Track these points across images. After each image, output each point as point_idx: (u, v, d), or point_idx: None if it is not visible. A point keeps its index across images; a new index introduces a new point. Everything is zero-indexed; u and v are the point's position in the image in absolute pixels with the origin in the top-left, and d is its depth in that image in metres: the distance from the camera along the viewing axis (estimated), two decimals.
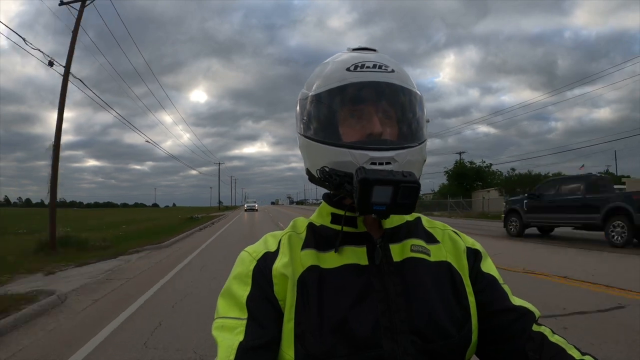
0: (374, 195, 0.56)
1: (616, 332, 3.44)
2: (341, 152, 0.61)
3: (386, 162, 0.60)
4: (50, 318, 4.37)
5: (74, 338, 3.63)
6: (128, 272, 7.19)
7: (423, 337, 0.59)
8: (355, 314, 0.59)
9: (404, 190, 0.56)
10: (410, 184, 0.56)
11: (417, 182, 0.57)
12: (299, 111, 0.70)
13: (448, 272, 0.67)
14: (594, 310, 4.07)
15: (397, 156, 0.60)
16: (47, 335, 3.78)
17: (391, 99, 0.64)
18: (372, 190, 0.55)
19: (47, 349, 3.40)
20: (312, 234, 0.69)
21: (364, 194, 0.56)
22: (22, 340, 3.66)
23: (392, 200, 0.56)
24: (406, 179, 0.56)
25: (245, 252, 0.68)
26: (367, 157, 0.59)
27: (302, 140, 0.69)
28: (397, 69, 0.65)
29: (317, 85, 0.66)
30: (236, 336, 0.57)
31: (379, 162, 0.59)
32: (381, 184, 0.55)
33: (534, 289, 5.02)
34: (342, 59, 0.66)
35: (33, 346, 3.49)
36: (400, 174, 0.57)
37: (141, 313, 4.42)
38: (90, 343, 3.45)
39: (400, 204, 0.57)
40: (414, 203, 0.58)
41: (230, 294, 0.63)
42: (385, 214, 0.58)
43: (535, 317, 0.65)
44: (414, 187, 0.56)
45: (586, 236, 10.60)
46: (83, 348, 3.34)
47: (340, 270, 0.63)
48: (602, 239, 9.18)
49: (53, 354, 3.26)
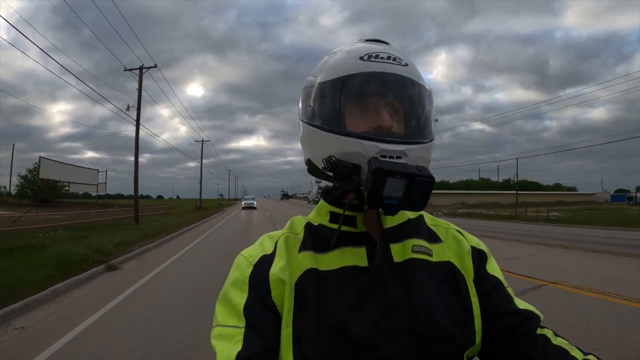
0: (387, 188, 0.53)
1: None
2: (351, 142, 0.58)
3: (397, 156, 0.57)
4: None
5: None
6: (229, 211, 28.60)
7: (423, 339, 0.58)
8: (354, 317, 0.58)
9: (417, 184, 0.54)
10: (424, 178, 0.54)
11: (431, 176, 0.55)
12: (304, 98, 0.68)
13: (450, 273, 0.65)
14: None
15: (409, 151, 0.58)
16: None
17: (404, 92, 0.62)
18: (385, 182, 0.53)
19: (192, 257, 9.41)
20: (310, 234, 0.67)
21: (376, 185, 0.53)
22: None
23: (404, 194, 0.54)
24: (421, 173, 0.54)
25: (242, 257, 0.66)
26: (377, 149, 0.57)
27: (306, 129, 0.66)
28: (410, 64, 0.63)
29: (326, 72, 0.64)
30: (234, 345, 0.57)
31: (389, 155, 0.57)
32: (395, 176, 0.53)
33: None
34: (356, 48, 0.64)
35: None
36: (415, 168, 0.55)
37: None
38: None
39: (412, 199, 0.55)
40: (427, 199, 0.56)
41: (228, 301, 0.62)
42: (395, 209, 0.56)
43: (540, 320, 0.65)
44: (428, 181, 0.55)
45: None
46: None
47: (339, 273, 0.61)
48: None
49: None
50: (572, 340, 0.63)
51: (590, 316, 4.10)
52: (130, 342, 3.45)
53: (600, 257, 8.18)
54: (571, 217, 24.82)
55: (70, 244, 8.99)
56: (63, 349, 3.37)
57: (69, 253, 7.49)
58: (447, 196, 56.55)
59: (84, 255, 7.46)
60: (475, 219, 24.66)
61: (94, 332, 3.79)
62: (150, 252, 9.67)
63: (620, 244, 10.64)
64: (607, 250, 9.23)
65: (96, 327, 3.93)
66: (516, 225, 19.55)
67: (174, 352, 3.27)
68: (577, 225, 18.66)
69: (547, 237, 12.78)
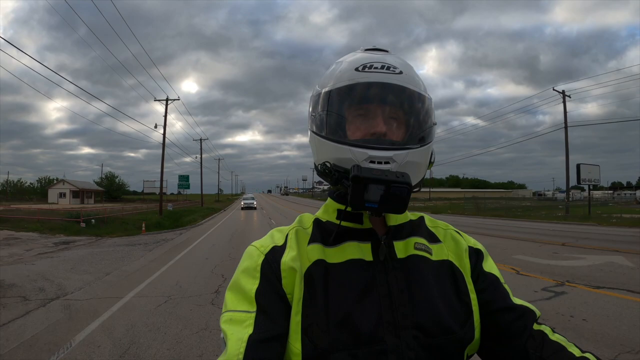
0: (367, 193, 0.57)
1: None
2: (342, 148, 0.63)
3: (385, 161, 0.61)
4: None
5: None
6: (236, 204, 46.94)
7: (425, 332, 0.60)
8: (359, 309, 0.60)
9: (394, 190, 0.57)
10: (401, 184, 0.57)
11: (408, 183, 0.58)
12: (310, 107, 0.72)
13: (449, 271, 0.68)
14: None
15: (396, 156, 0.61)
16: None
17: (396, 100, 0.65)
18: (364, 188, 0.57)
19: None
20: (319, 229, 0.70)
21: (355, 191, 0.58)
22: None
23: (383, 198, 0.57)
24: (398, 180, 0.57)
25: (253, 247, 0.69)
26: (366, 155, 0.61)
27: (310, 135, 0.71)
28: (406, 71, 0.66)
29: (328, 82, 0.69)
30: (245, 329, 0.58)
31: (378, 160, 0.61)
32: (373, 183, 0.57)
33: None
34: (353, 59, 0.68)
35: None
36: (394, 175, 0.58)
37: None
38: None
39: (391, 203, 0.58)
40: (405, 203, 0.59)
41: (239, 288, 0.63)
42: (377, 212, 0.60)
43: (536, 316, 0.67)
44: (405, 188, 0.58)
45: None
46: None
47: (345, 265, 0.64)
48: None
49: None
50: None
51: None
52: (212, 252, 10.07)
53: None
54: (441, 207, 33.79)
55: (190, 213, 26.55)
56: (203, 240, 13.03)
57: (193, 215, 24.77)
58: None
59: (191, 219, 23.17)
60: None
61: (203, 242, 12.71)
62: (216, 216, 27.99)
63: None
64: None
65: (202, 241, 12.68)
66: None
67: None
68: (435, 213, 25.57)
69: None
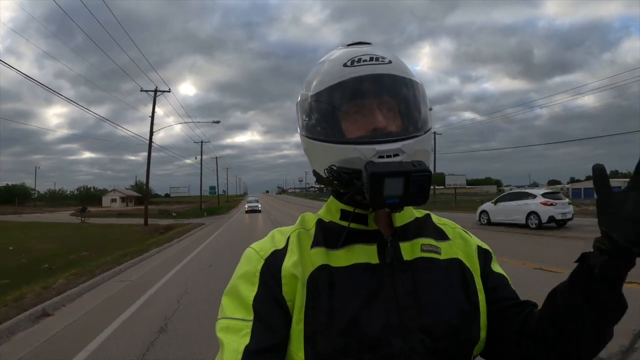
0: (386, 188, 0.55)
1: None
2: (347, 149, 0.60)
3: (394, 154, 0.59)
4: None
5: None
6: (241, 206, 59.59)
7: (432, 335, 0.59)
8: (365, 314, 0.59)
9: (415, 180, 0.55)
10: (421, 172, 0.56)
11: (427, 170, 0.57)
12: (299, 113, 0.70)
13: (459, 269, 0.67)
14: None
15: (405, 147, 0.59)
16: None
17: (392, 90, 0.63)
18: (383, 184, 0.55)
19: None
20: (322, 230, 0.68)
21: (375, 188, 0.55)
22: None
23: (404, 191, 0.55)
24: (416, 169, 0.56)
25: (252, 250, 0.66)
26: (374, 151, 0.58)
27: (305, 142, 0.68)
28: (394, 60, 0.65)
29: (315, 84, 0.66)
30: (242, 338, 0.56)
31: (387, 154, 0.58)
32: (392, 176, 0.55)
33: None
34: (338, 56, 0.66)
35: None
36: (410, 164, 0.56)
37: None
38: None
39: (413, 194, 0.56)
40: (427, 192, 0.57)
41: (236, 294, 0.61)
42: (398, 207, 0.58)
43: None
44: (425, 175, 0.56)
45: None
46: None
47: (350, 269, 0.62)
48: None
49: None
50: None
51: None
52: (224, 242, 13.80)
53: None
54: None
55: (217, 209, 40.75)
56: (220, 232, 17.84)
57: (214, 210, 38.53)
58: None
59: (221, 211, 38.24)
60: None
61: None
62: (231, 210, 42.67)
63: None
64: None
65: (223, 232, 18.04)
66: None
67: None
68: None
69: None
